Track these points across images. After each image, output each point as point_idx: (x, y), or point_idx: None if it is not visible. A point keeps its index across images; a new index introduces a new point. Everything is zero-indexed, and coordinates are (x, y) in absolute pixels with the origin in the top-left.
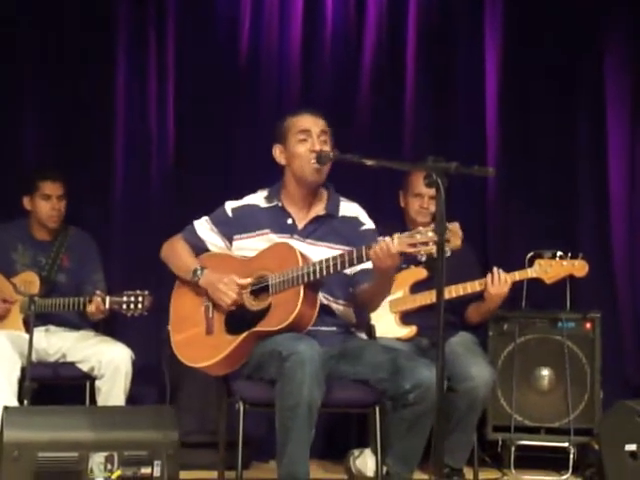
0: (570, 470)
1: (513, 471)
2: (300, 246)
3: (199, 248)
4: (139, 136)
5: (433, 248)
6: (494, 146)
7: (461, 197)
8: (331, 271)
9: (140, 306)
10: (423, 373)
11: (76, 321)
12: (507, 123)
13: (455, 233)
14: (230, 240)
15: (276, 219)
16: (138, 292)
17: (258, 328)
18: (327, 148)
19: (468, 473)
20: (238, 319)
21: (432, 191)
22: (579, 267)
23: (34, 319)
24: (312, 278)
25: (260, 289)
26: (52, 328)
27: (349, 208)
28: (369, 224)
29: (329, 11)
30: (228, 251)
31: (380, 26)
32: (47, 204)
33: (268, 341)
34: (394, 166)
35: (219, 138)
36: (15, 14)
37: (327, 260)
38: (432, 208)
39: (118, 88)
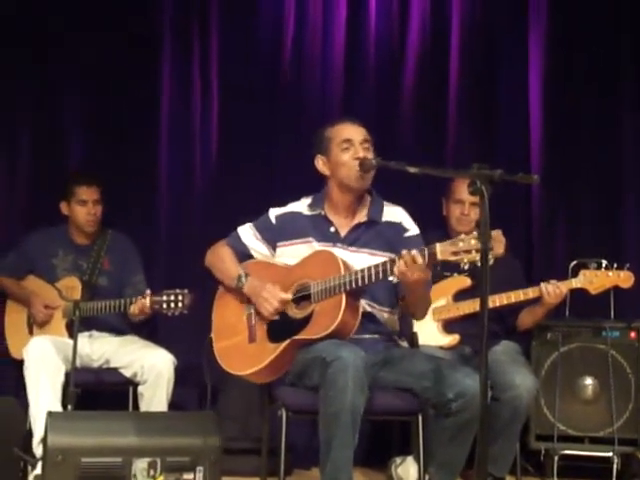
0: None
1: None
2: (343, 254)
3: (243, 254)
4: (183, 141)
5: (476, 256)
6: (538, 155)
7: (505, 206)
8: (373, 279)
9: (180, 305)
10: (466, 382)
11: (119, 326)
12: (551, 132)
13: (498, 241)
14: (273, 247)
15: (319, 227)
16: (178, 291)
17: (300, 336)
18: (370, 155)
19: None
20: (280, 327)
21: (473, 198)
22: (625, 278)
23: (79, 325)
24: (354, 286)
25: (302, 297)
26: (95, 334)
27: (393, 213)
28: (413, 230)
29: (372, 20)
30: (271, 258)
31: (424, 34)
32: (83, 209)
33: (311, 348)
34: (438, 174)
35: (262, 144)
36: (57, 24)
37: (369, 268)
38: (473, 215)
39: (163, 94)
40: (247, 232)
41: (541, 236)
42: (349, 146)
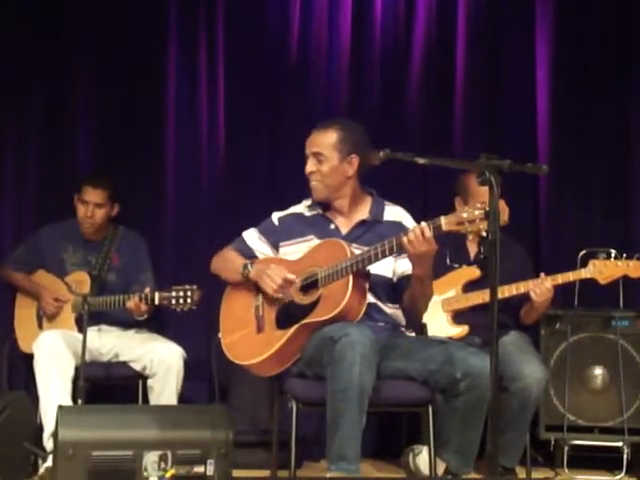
0: (624, 470)
1: (566, 471)
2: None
3: (249, 257)
4: (190, 137)
5: (480, 225)
6: (545, 145)
7: (512, 196)
8: (380, 257)
9: (189, 300)
10: (473, 361)
11: (128, 320)
12: (558, 121)
13: (501, 209)
14: (277, 247)
15: (319, 226)
16: (187, 287)
17: (308, 320)
18: (314, 169)
19: (521, 472)
20: (288, 315)
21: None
22: (634, 268)
23: (87, 319)
24: (360, 267)
25: (309, 284)
26: (104, 327)
27: (393, 212)
28: None
29: (378, 12)
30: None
31: (429, 25)
32: (83, 209)
33: (319, 333)
34: (446, 164)
35: (269, 140)
36: (65, 26)
37: (375, 247)
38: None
39: (169, 90)
40: (252, 236)
41: (549, 226)
42: (306, 159)
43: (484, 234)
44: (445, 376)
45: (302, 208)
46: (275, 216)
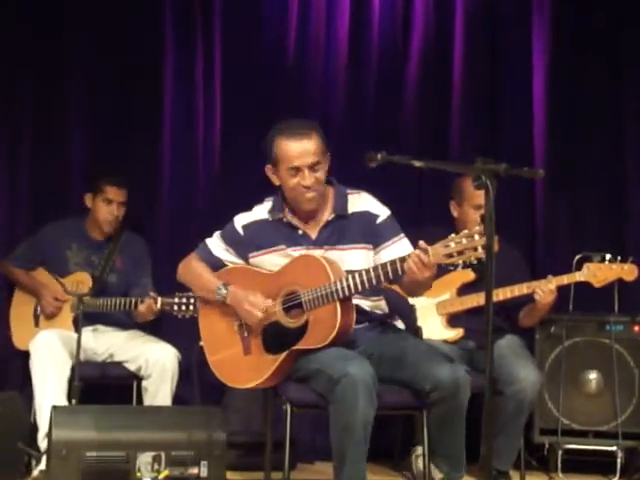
0: (618, 474)
1: (560, 475)
2: (318, 255)
3: (216, 267)
4: (186, 140)
5: (471, 255)
6: (541, 148)
7: (508, 199)
8: (366, 286)
9: (191, 307)
10: (440, 373)
11: (124, 321)
12: (555, 125)
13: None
14: (246, 259)
15: (287, 233)
16: (190, 293)
17: (300, 346)
18: (318, 176)
19: (515, 476)
20: (276, 337)
21: None
22: (628, 271)
23: (82, 319)
24: (347, 294)
25: (293, 305)
26: (100, 328)
27: (358, 202)
28: (383, 213)
29: (376, 12)
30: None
31: (427, 27)
32: (107, 208)
33: (313, 357)
34: (443, 167)
35: (264, 136)
36: (65, 26)
37: (361, 275)
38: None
39: (166, 91)
40: (217, 246)
41: (545, 230)
42: (297, 172)
43: (474, 262)
44: (416, 388)
45: (264, 212)
46: (238, 223)
